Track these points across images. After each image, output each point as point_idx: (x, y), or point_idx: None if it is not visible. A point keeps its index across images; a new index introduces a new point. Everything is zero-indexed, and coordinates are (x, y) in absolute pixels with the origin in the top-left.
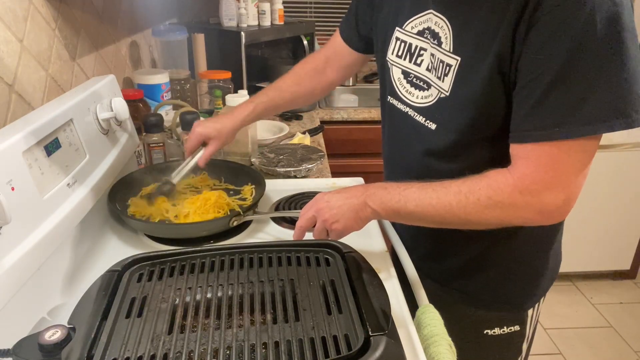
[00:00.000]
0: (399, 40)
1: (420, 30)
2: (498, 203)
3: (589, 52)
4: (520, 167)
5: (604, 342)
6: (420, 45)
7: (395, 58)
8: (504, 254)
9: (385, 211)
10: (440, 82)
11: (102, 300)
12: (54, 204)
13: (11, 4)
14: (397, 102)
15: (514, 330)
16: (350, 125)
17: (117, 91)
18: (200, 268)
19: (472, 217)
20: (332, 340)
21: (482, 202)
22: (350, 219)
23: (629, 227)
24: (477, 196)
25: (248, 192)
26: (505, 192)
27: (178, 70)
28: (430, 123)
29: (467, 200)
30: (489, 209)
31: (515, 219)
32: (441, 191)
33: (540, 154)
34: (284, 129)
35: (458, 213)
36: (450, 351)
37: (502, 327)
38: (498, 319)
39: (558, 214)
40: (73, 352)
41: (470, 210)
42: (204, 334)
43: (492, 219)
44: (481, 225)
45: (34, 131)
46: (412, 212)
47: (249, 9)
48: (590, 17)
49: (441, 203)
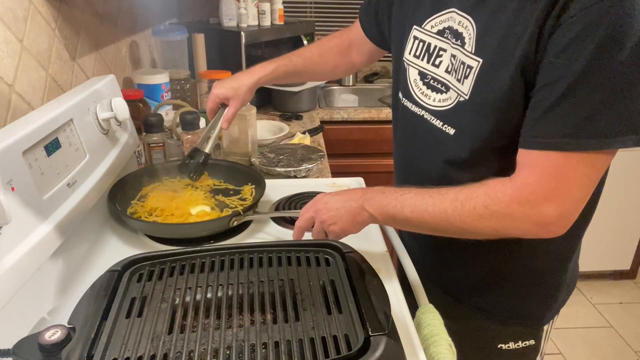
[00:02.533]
0: (417, 40)
1: (441, 29)
2: (494, 213)
3: (613, 62)
4: (523, 176)
5: (604, 342)
6: (440, 45)
7: (413, 58)
8: (520, 268)
9: (382, 216)
10: (459, 84)
11: (102, 300)
12: (54, 204)
13: (11, 4)
14: (411, 105)
15: (529, 344)
16: (350, 125)
17: (117, 91)
18: (200, 268)
19: (468, 225)
20: (332, 340)
21: (478, 210)
22: (347, 222)
23: (629, 227)
24: (473, 204)
25: (248, 192)
26: (503, 201)
27: (178, 70)
28: (448, 128)
29: (463, 208)
30: (485, 219)
31: (512, 230)
32: (437, 198)
33: (545, 164)
34: (284, 129)
35: (453, 221)
36: (450, 351)
37: (517, 341)
38: (513, 334)
39: (556, 228)
40: (73, 352)
41: (465, 218)
42: (204, 334)
43: (488, 228)
44: (477, 234)
45: (34, 131)
46: (408, 218)
47: (249, 9)
48: None
49: (437, 210)
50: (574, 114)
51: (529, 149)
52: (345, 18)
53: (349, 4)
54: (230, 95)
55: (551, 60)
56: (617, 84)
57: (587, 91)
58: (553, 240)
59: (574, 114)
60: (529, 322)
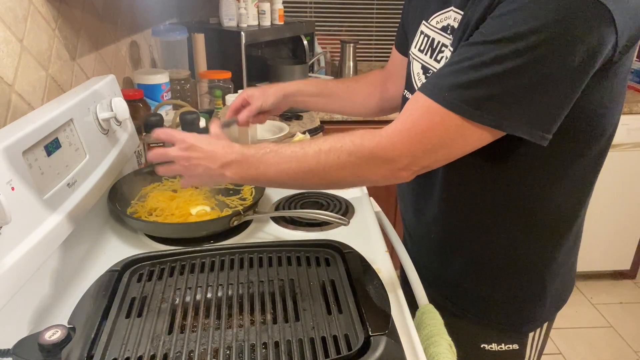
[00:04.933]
0: (422, 34)
1: (444, 25)
2: (357, 160)
3: (548, 47)
4: (396, 122)
5: (604, 342)
6: (442, 41)
7: (417, 52)
8: (491, 272)
9: (243, 179)
10: None
11: (102, 300)
12: (54, 204)
13: (11, 4)
14: None
15: (513, 349)
16: (350, 125)
17: (117, 91)
18: (200, 268)
19: (331, 176)
20: (332, 340)
21: (342, 160)
22: (202, 179)
23: (629, 227)
24: (337, 154)
25: (248, 191)
26: (367, 148)
27: (178, 70)
28: None
29: (327, 158)
30: (346, 169)
31: (369, 174)
32: (300, 153)
33: (423, 113)
34: (284, 129)
35: (318, 173)
36: (450, 351)
37: (500, 343)
38: (494, 336)
39: (398, 178)
40: (73, 352)
41: (329, 169)
42: (204, 334)
43: (350, 177)
44: (341, 184)
45: (34, 131)
46: (271, 179)
47: (249, 9)
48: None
49: (300, 167)
50: (475, 72)
51: (423, 93)
52: (346, 18)
53: (349, 4)
54: (257, 95)
55: (492, 18)
56: (540, 70)
57: (502, 58)
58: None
59: (476, 73)
60: (507, 327)
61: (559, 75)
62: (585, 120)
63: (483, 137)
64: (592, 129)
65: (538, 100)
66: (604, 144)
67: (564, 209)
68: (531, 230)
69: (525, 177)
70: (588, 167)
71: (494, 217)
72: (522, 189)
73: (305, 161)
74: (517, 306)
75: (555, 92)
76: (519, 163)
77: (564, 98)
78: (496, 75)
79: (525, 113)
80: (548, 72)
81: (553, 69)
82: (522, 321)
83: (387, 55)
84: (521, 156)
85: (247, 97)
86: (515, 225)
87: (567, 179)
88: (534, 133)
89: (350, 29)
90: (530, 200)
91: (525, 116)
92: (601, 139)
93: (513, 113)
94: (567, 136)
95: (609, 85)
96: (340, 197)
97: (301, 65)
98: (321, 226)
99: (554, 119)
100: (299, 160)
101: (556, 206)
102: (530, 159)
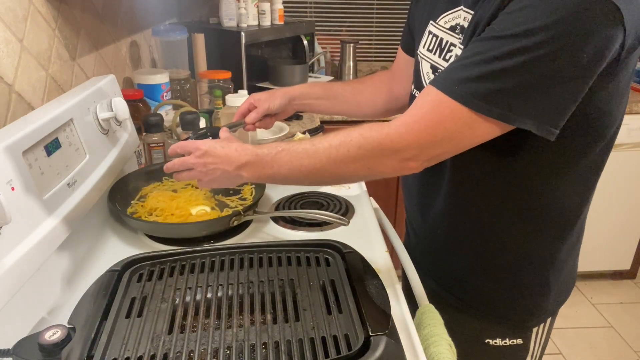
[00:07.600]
0: (431, 34)
1: (453, 25)
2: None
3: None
4: (406, 115)
5: (604, 342)
6: (451, 40)
7: (426, 52)
8: (496, 267)
9: (259, 179)
10: None
11: (102, 300)
12: (54, 204)
13: (11, 4)
14: None
15: (517, 343)
16: (350, 125)
17: (117, 91)
18: (200, 268)
19: (342, 170)
20: (332, 340)
21: (352, 153)
22: (221, 181)
23: (629, 227)
24: (347, 148)
25: (248, 191)
26: (376, 139)
27: (178, 70)
28: None
29: (338, 153)
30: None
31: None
32: (311, 149)
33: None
34: (284, 129)
35: (330, 168)
36: (450, 351)
37: (505, 338)
38: (498, 330)
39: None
40: (73, 352)
41: (339, 164)
42: (204, 334)
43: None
44: (353, 178)
45: (34, 131)
46: (286, 176)
47: (249, 9)
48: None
49: (312, 163)
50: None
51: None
52: (346, 18)
53: (349, 4)
54: (264, 98)
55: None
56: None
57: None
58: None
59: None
60: (511, 322)
61: (568, 71)
62: (590, 118)
63: (492, 130)
64: (597, 127)
65: (547, 95)
66: (608, 142)
67: (568, 206)
68: (536, 226)
69: (531, 173)
70: (592, 164)
71: (499, 212)
72: (528, 184)
73: (317, 157)
74: (522, 301)
75: (564, 88)
76: (525, 159)
77: (572, 94)
78: (506, 69)
79: (534, 107)
80: (558, 68)
81: (563, 65)
82: (527, 316)
83: (387, 55)
84: (528, 152)
85: (254, 101)
86: (521, 221)
87: (572, 175)
88: (542, 127)
89: (350, 29)
90: (536, 196)
91: (533, 110)
92: (605, 137)
93: (522, 107)
94: (573, 133)
95: (614, 83)
96: (340, 197)
97: (301, 65)
98: (321, 226)
99: (562, 114)
100: (310, 157)
101: (561, 202)
102: (537, 155)
